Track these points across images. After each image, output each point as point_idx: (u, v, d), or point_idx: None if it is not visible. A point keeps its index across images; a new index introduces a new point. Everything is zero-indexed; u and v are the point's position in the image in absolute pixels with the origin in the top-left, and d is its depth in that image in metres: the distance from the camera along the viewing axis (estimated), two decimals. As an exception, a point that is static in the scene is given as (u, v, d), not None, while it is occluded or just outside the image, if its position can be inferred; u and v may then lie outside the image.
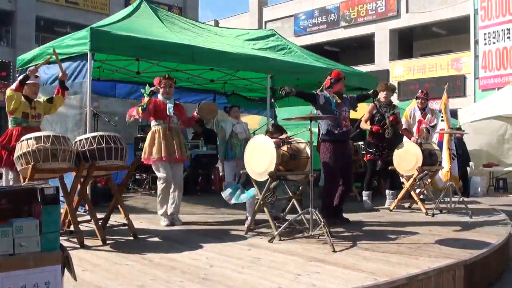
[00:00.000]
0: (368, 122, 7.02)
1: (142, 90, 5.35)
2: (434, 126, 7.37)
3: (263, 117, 10.82)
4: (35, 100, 5.40)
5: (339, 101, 5.40)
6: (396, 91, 7.03)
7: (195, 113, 5.64)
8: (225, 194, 5.12)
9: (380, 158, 6.85)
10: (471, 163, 10.86)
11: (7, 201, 2.26)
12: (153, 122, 5.46)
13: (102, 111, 8.44)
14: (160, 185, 5.36)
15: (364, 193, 6.99)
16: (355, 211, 6.46)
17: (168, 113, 5.37)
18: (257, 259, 3.83)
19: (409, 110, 7.57)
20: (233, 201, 5.09)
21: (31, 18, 23.52)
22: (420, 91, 7.71)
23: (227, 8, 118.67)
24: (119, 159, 4.55)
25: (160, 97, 5.47)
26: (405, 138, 7.21)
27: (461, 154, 9.28)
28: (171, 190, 5.41)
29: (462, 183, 9.17)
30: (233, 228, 5.21)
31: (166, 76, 5.64)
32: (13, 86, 5.30)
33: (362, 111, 10.70)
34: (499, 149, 11.32)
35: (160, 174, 5.32)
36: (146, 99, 5.27)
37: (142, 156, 5.38)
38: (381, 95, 6.86)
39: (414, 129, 7.28)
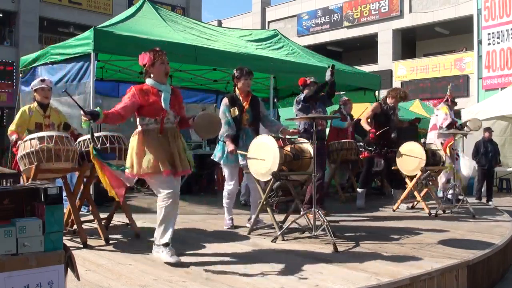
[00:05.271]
0: (368, 122, 6.70)
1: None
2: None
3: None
4: (50, 107, 5.31)
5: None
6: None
7: (190, 122, 3.86)
8: (216, 157, 5.22)
9: (378, 156, 6.75)
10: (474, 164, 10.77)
11: (10, 201, 2.27)
12: (140, 120, 3.78)
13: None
14: (164, 202, 3.67)
15: (358, 190, 6.90)
16: (358, 211, 6.48)
17: (163, 107, 3.72)
18: (260, 259, 3.83)
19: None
20: (221, 161, 5.15)
21: (34, 19, 23.54)
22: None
23: (227, 9, 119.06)
24: (122, 159, 4.55)
25: (150, 81, 3.79)
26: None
27: (483, 153, 9.20)
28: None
29: (487, 186, 9.18)
30: (236, 228, 5.21)
31: (157, 48, 3.87)
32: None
33: (363, 109, 10.56)
34: (502, 150, 11.25)
35: (164, 190, 3.69)
36: None
37: (129, 171, 3.74)
38: (390, 100, 6.74)
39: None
